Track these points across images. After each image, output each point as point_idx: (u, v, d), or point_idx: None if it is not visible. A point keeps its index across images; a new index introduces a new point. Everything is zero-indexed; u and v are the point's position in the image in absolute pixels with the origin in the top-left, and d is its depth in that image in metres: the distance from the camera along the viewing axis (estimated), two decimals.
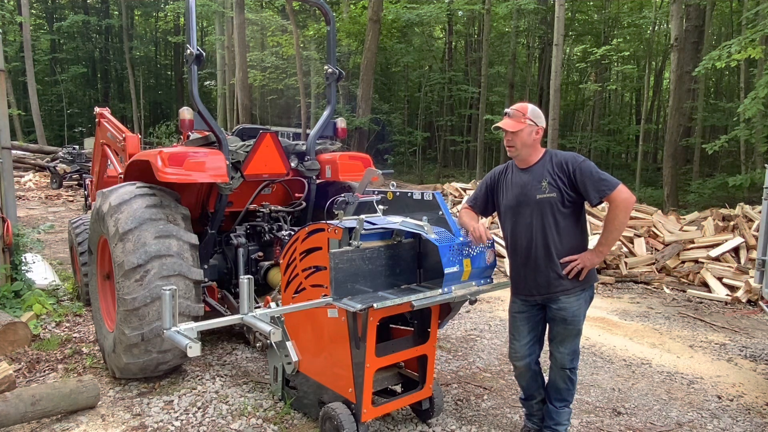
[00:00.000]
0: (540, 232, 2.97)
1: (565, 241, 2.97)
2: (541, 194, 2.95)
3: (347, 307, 2.73)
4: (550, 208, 2.95)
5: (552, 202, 2.94)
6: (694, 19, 14.97)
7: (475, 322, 5.75)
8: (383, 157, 24.10)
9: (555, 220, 2.95)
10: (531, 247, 3.00)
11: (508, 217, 3.12)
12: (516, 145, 3.02)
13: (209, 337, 4.82)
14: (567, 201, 2.95)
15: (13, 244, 5.20)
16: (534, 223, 2.98)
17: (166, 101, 37.14)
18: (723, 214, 8.41)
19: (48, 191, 16.43)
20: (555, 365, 3.15)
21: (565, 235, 2.97)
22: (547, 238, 2.96)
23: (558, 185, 2.94)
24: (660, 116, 25.48)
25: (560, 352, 3.09)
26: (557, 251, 2.96)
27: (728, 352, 5.05)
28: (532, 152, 3.05)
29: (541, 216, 2.96)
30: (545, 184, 2.96)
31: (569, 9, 21.26)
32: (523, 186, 3.03)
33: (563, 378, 3.14)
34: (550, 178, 2.96)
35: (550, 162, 3.01)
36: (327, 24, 4.93)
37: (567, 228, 2.97)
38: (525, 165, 3.08)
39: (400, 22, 20.46)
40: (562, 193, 2.94)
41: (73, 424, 3.37)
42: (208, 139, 4.26)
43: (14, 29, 28.06)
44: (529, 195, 3.00)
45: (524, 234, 3.02)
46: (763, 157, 13.01)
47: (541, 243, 2.97)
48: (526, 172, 3.06)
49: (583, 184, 2.90)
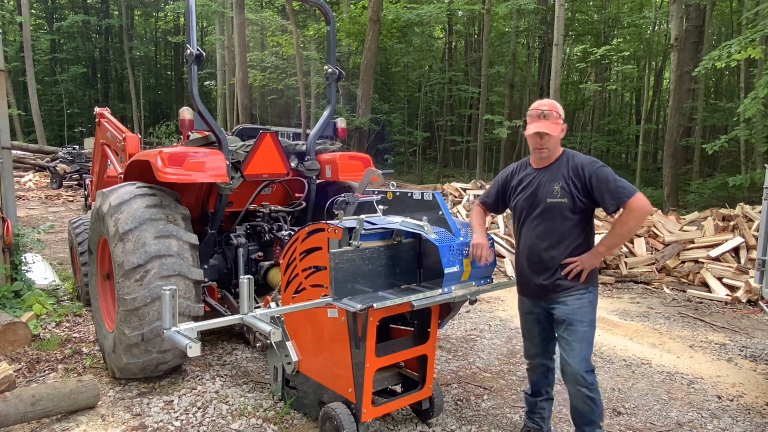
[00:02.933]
0: (546, 236, 2.91)
1: (570, 247, 2.90)
2: (552, 198, 2.87)
3: (347, 307, 2.73)
4: (560, 213, 2.87)
5: (562, 207, 2.85)
6: (694, 19, 14.98)
7: (475, 322, 5.75)
8: (383, 157, 24.11)
9: (563, 225, 2.88)
10: (536, 250, 2.95)
11: (518, 217, 3.06)
12: (549, 147, 2.90)
13: (209, 337, 4.82)
14: (578, 207, 2.85)
15: (13, 244, 5.20)
16: (541, 226, 2.92)
17: (166, 101, 37.14)
18: (723, 214, 8.41)
19: (48, 191, 16.42)
20: (570, 383, 2.94)
21: (571, 241, 2.89)
22: (552, 242, 2.90)
23: (570, 191, 2.84)
24: (660, 116, 25.49)
25: (570, 363, 2.89)
26: (561, 256, 2.89)
27: (728, 352, 5.05)
28: (557, 152, 2.96)
29: (550, 219, 2.89)
30: (558, 188, 2.86)
31: (569, 9, 21.27)
32: (536, 187, 2.95)
33: (582, 398, 2.91)
34: (564, 183, 2.85)
35: (566, 164, 2.90)
36: (327, 24, 4.93)
37: (574, 234, 2.89)
38: (542, 165, 2.97)
39: (400, 22, 20.46)
40: (574, 199, 2.84)
41: (73, 424, 3.37)
42: (208, 139, 4.26)
43: (14, 29, 28.11)
44: (540, 197, 2.92)
45: (531, 235, 2.96)
46: (763, 157, 13.02)
47: (546, 246, 2.91)
48: (542, 172, 2.96)
49: (599, 191, 2.78)
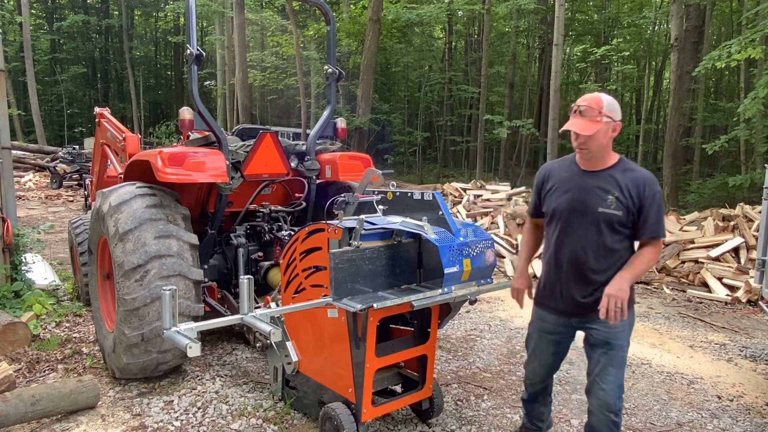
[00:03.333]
0: (593, 249, 2.60)
1: (617, 264, 2.61)
2: (605, 208, 2.56)
3: (347, 307, 2.72)
4: (610, 226, 2.57)
5: (615, 219, 2.56)
6: (694, 19, 14.97)
7: (475, 322, 5.75)
8: (383, 157, 24.12)
9: (612, 239, 2.58)
10: (579, 263, 2.64)
11: (556, 222, 2.72)
12: (590, 148, 2.58)
13: (209, 337, 4.82)
14: (629, 222, 2.58)
15: (13, 244, 5.20)
16: (588, 237, 2.61)
17: (166, 101, 37.14)
18: (723, 214, 8.40)
19: (48, 191, 16.42)
20: (598, 407, 2.69)
21: (617, 257, 2.61)
22: (598, 257, 2.60)
23: (627, 204, 2.54)
24: (660, 116, 25.48)
25: (603, 388, 2.63)
26: (607, 273, 2.59)
27: (728, 352, 5.05)
28: (605, 154, 2.63)
29: (600, 232, 2.58)
30: (612, 198, 2.55)
31: (569, 9, 21.28)
32: (584, 191, 2.62)
33: (607, 423, 2.68)
34: (620, 194, 2.55)
35: (623, 174, 2.59)
36: (327, 24, 4.93)
37: (621, 250, 2.61)
38: (592, 167, 2.66)
39: (400, 22, 20.45)
40: (629, 214, 2.55)
41: (73, 424, 3.37)
42: (208, 139, 4.27)
43: (14, 29, 28.11)
44: (588, 203, 2.60)
45: (574, 246, 2.65)
46: (763, 157, 13.02)
47: (592, 260, 2.61)
48: (591, 176, 2.64)
49: (646, 215, 2.55)
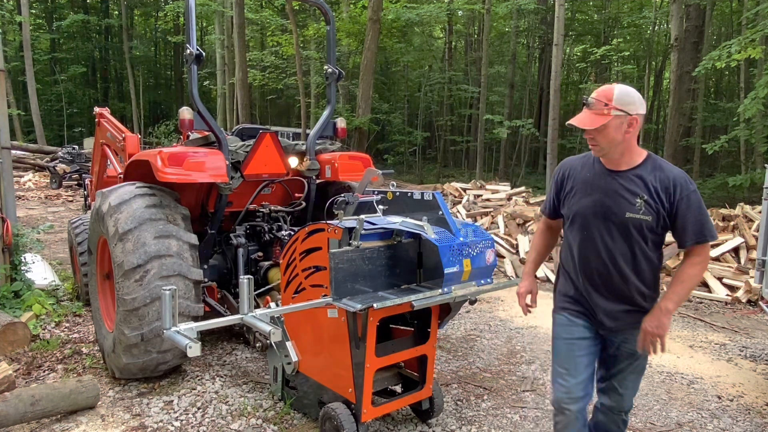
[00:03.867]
0: (620, 256, 2.39)
1: (646, 272, 2.42)
2: (633, 213, 2.33)
3: (347, 307, 2.72)
4: (640, 233, 2.35)
5: (644, 225, 2.33)
6: (694, 19, 14.98)
7: (475, 322, 5.74)
8: (383, 157, 24.15)
9: (641, 246, 2.37)
10: (605, 272, 2.43)
11: (578, 226, 2.49)
12: (600, 144, 2.35)
13: (209, 337, 4.82)
14: (660, 228, 2.35)
15: (13, 244, 5.20)
16: (616, 245, 2.39)
17: (166, 101, 37.11)
18: (723, 214, 8.40)
19: (48, 191, 16.40)
20: (611, 408, 2.65)
21: (647, 264, 2.41)
22: (627, 265, 2.40)
23: (657, 208, 2.31)
24: (660, 116, 25.48)
25: (621, 393, 2.56)
26: (637, 283, 2.41)
27: (728, 352, 5.05)
28: (626, 151, 2.37)
29: (629, 239, 2.37)
30: (641, 202, 2.32)
31: (569, 9, 21.29)
32: (609, 193, 2.39)
33: (617, 422, 2.68)
34: (649, 197, 2.32)
35: (652, 173, 2.34)
36: (327, 24, 4.93)
37: (651, 258, 2.40)
38: (616, 167, 2.41)
39: (400, 22, 20.42)
40: (659, 218, 2.33)
41: (73, 424, 3.36)
42: (208, 139, 4.27)
43: (14, 29, 28.07)
44: (614, 208, 2.37)
45: (599, 253, 2.43)
46: (763, 157, 13.03)
47: (620, 269, 2.40)
48: (616, 176, 2.40)
49: (683, 219, 2.30)
